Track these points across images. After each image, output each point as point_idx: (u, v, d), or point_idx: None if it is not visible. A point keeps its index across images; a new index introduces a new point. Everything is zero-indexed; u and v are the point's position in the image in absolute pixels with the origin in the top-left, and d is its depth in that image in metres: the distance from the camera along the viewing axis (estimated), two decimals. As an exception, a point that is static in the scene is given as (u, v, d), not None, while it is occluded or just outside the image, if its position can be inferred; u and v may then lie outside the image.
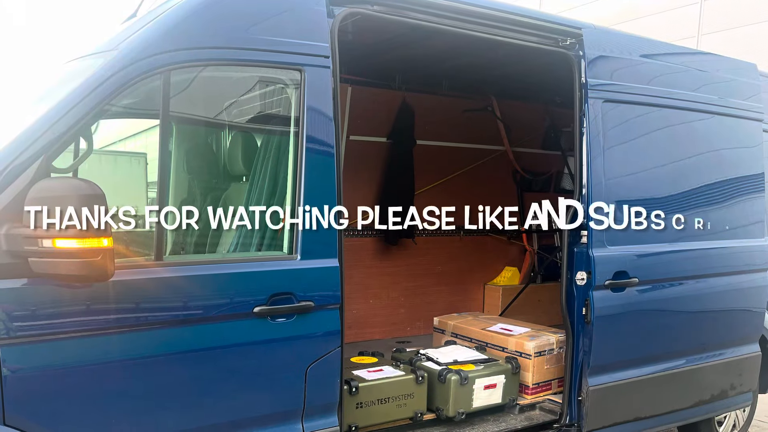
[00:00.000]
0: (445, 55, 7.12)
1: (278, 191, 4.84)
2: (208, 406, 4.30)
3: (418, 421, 5.79)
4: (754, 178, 7.10)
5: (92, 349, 3.88)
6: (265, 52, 4.44)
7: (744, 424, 7.94)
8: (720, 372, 6.93)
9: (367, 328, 8.63)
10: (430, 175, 9.08)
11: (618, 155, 5.97)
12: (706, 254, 6.65)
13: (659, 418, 6.52)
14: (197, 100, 5.26)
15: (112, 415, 3.98)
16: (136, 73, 4.00)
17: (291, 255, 4.56)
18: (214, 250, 5.13)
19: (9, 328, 3.63)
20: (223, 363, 4.32)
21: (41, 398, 3.76)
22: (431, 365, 6.16)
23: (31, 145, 3.72)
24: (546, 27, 5.74)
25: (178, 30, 4.18)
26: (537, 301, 9.58)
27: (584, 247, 5.79)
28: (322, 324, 4.63)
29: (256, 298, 4.36)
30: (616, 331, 6.01)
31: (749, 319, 7.17)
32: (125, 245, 4.33)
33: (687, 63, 6.75)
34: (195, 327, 4.21)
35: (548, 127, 9.90)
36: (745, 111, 7.05)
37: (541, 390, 6.52)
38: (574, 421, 6.00)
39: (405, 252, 8.99)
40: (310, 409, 4.64)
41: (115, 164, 7.38)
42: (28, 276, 3.66)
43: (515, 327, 7.11)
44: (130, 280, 3.98)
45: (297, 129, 4.59)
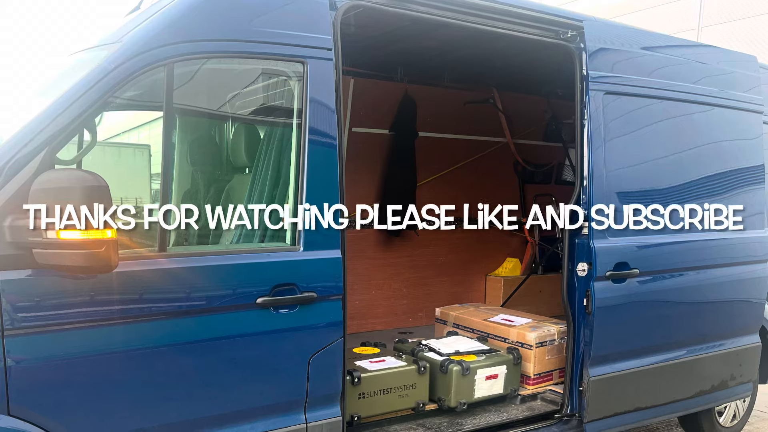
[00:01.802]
0: (446, 48, 7.13)
1: (281, 183, 4.84)
2: (211, 397, 4.31)
3: (420, 411, 5.82)
4: (754, 169, 7.11)
5: (96, 340, 3.89)
6: (267, 45, 4.44)
7: (744, 415, 7.96)
8: (720, 362, 6.96)
9: (369, 319, 8.67)
10: (432, 166, 9.11)
11: (619, 147, 5.99)
12: (707, 245, 6.67)
13: (660, 408, 6.55)
14: (200, 93, 5.28)
15: (116, 406, 3.99)
16: (139, 65, 4.01)
17: (294, 246, 4.57)
18: (217, 241, 5.15)
19: (13, 319, 3.63)
20: (227, 354, 4.33)
21: (46, 389, 3.77)
22: (433, 356, 6.19)
23: (36, 136, 3.72)
24: (547, 19, 5.74)
25: (181, 22, 4.18)
26: (538, 292, 9.60)
27: (585, 238, 5.81)
28: (324, 315, 4.65)
29: (259, 289, 4.37)
30: (617, 321, 6.03)
31: (749, 310, 7.20)
32: (129, 236, 4.34)
33: (687, 55, 6.76)
34: (198, 318, 4.22)
35: (549, 118, 9.91)
36: (745, 103, 7.06)
37: (542, 380, 6.55)
38: (576, 411, 6.03)
39: (407, 243, 9.01)
40: (312, 399, 4.66)
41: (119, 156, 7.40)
42: (32, 267, 3.66)
43: (517, 318, 7.14)
44: (134, 271, 3.99)
45: (300, 121, 4.60)
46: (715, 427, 7.61)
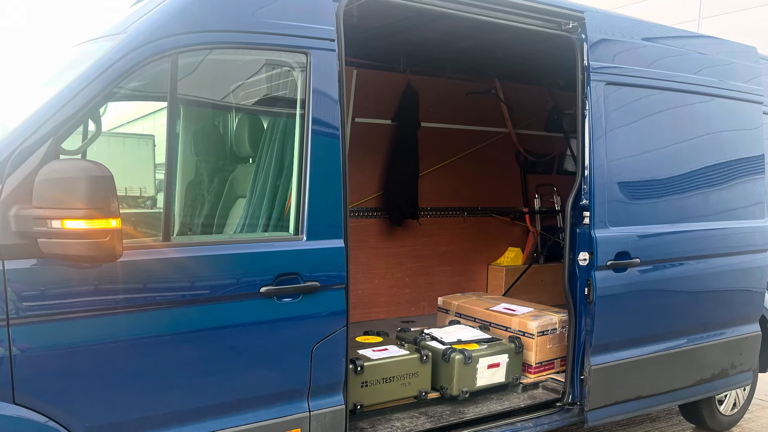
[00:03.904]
0: (449, 38, 7.14)
1: (284, 173, 4.85)
2: (215, 385, 4.32)
3: (423, 399, 5.85)
4: (754, 159, 7.14)
5: (101, 329, 3.89)
6: (271, 36, 4.45)
7: (744, 403, 8.00)
8: (720, 351, 7.00)
9: (372, 308, 8.71)
10: (435, 156, 9.14)
11: (620, 137, 6.02)
12: (707, 235, 6.70)
13: (660, 397, 6.58)
14: (204, 83, 5.28)
15: (121, 394, 4.00)
16: (144, 56, 4.02)
17: (297, 236, 4.58)
18: (221, 230, 5.18)
19: (19, 308, 3.64)
20: (230, 342, 4.33)
21: (51, 377, 3.78)
22: (435, 344, 6.22)
23: (41, 127, 3.72)
24: (549, 11, 5.75)
25: (185, 13, 4.19)
26: (540, 281, 9.65)
27: (587, 227, 5.83)
28: (327, 304, 4.66)
29: (262, 278, 4.39)
30: (618, 310, 6.06)
31: (749, 299, 7.23)
32: (133, 226, 4.35)
33: (688, 46, 6.76)
34: (202, 307, 4.23)
35: (551, 109, 9.93)
36: (746, 93, 7.09)
37: (543, 369, 6.59)
38: (577, 400, 6.06)
39: (409, 233, 9.05)
40: (315, 387, 4.69)
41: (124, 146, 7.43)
42: (37, 256, 3.67)
43: (518, 307, 7.17)
44: (139, 261, 3.99)
45: (303, 111, 4.61)
46: (715, 416, 7.65)
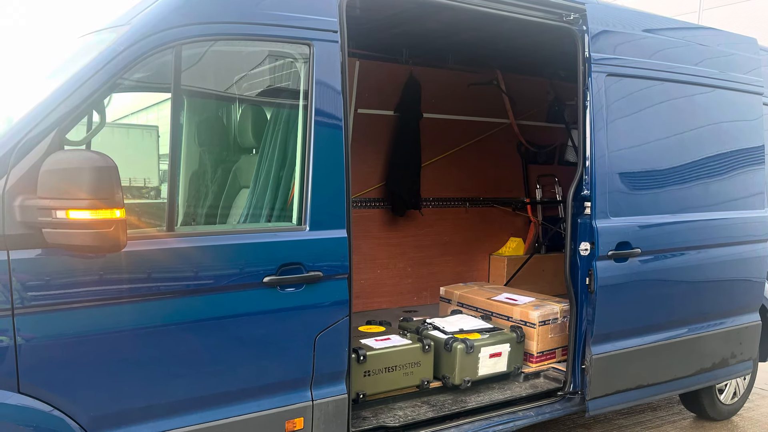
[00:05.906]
0: (451, 30, 7.14)
1: (287, 164, 4.87)
2: (218, 375, 4.34)
3: (425, 388, 5.89)
4: (754, 150, 7.16)
5: (105, 318, 3.91)
6: (274, 27, 4.46)
7: (744, 392, 8.04)
8: (721, 341, 7.03)
9: (374, 298, 8.75)
10: (437, 147, 9.17)
11: (621, 128, 6.03)
12: (708, 225, 6.72)
13: (661, 386, 6.62)
14: (208, 74, 5.28)
15: (125, 383, 4.03)
16: (148, 47, 4.03)
17: (300, 226, 4.61)
18: (224, 221, 5.19)
19: (24, 297, 3.66)
20: (234, 332, 4.35)
21: (55, 367, 3.80)
22: (438, 334, 6.25)
23: (45, 118, 3.74)
24: (550, 2, 5.75)
25: (189, 5, 4.19)
26: (541, 271, 9.68)
27: (588, 218, 5.85)
28: (330, 294, 4.68)
29: (266, 268, 4.41)
30: (619, 300, 6.08)
31: (749, 289, 7.26)
32: (137, 216, 4.36)
33: (688, 37, 6.77)
34: (206, 296, 4.24)
35: (552, 100, 9.95)
36: (746, 84, 7.10)
37: (545, 358, 6.62)
38: (578, 389, 6.09)
39: (412, 223, 9.08)
40: (318, 377, 4.71)
41: (128, 137, 7.44)
42: (42, 246, 3.68)
43: (520, 296, 7.20)
44: (143, 251, 4.01)
45: (306, 102, 4.63)
46: (715, 405, 7.69)
